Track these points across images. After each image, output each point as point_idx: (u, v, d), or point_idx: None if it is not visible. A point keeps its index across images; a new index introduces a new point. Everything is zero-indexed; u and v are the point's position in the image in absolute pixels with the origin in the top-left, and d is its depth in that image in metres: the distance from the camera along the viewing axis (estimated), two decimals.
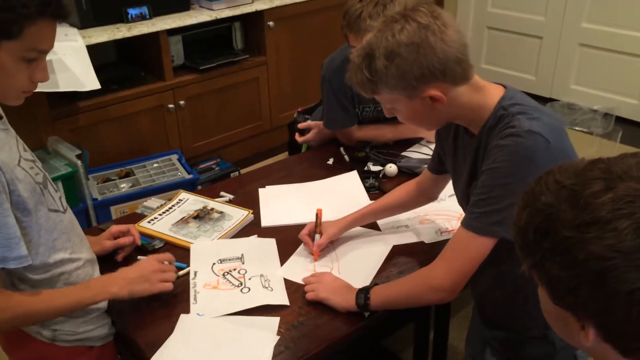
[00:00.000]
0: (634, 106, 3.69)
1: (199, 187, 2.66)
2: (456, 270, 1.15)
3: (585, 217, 0.59)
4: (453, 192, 1.38)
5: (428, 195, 1.53)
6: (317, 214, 1.55)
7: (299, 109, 2.26)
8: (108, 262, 1.45)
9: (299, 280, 1.39)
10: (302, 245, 1.53)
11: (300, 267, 1.45)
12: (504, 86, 1.16)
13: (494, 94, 1.14)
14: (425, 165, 1.83)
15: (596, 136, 3.55)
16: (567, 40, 3.88)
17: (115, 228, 1.48)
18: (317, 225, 1.52)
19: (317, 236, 1.49)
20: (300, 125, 2.15)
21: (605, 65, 3.75)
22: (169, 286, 1.30)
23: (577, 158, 1.13)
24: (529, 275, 0.68)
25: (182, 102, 3.02)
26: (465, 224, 1.14)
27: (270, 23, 3.23)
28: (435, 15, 1.07)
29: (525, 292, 1.17)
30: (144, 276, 1.27)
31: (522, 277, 0.69)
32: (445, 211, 1.65)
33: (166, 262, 1.36)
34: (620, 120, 3.69)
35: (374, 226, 1.61)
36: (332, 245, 1.54)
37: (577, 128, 3.69)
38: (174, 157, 2.89)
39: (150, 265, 1.30)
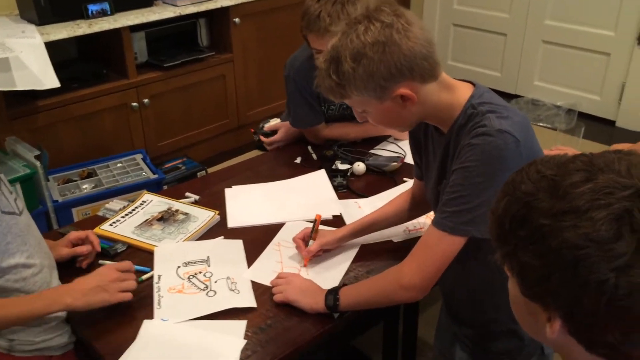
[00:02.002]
0: (596, 102, 3.77)
1: (165, 187, 2.61)
2: (427, 269, 1.15)
3: (562, 206, 0.59)
4: None
5: (422, 200, 1.42)
6: (315, 220, 1.50)
7: (252, 130, 2.24)
8: (68, 268, 1.40)
9: (267, 283, 1.37)
10: (269, 246, 1.51)
11: (268, 269, 1.42)
12: (473, 84, 1.17)
13: (463, 91, 1.14)
14: (394, 163, 1.85)
15: (559, 132, 3.61)
16: (530, 37, 3.94)
17: (73, 235, 1.43)
18: (314, 231, 1.46)
19: (311, 241, 1.44)
20: (267, 128, 2.13)
21: (568, 62, 3.81)
22: (128, 296, 1.25)
23: (543, 154, 1.15)
24: (501, 267, 0.68)
25: (146, 101, 2.95)
26: (436, 223, 1.14)
27: (236, 19, 3.19)
28: (398, 14, 1.07)
29: (491, 287, 1.18)
30: (101, 286, 1.21)
31: (488, 273, 0.68)
32: None
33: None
34: (582, 115, 3.77)
35: (342, 225, 1.59)
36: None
37: (541, 124, 3.74)
38: (139, 157, 2.82)
39: (108, 275, 1.24)
